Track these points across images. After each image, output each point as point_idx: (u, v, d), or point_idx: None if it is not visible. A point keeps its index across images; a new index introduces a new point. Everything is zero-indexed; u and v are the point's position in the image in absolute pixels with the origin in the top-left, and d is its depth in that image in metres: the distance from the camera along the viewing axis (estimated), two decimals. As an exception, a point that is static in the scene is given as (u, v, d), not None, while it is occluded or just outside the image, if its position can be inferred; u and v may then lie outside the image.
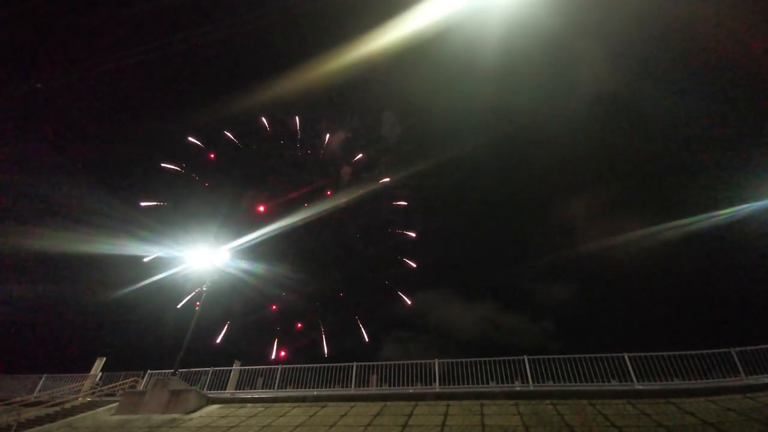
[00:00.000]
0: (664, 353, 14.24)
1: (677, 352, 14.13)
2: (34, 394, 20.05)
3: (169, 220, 45.71)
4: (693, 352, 14.02)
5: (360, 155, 59.29)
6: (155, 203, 47.38)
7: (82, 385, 21.07)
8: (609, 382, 14.19)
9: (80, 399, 19.61)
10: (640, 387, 13.58)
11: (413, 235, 58.22)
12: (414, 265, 57.45)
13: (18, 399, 18.95)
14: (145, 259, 20.29)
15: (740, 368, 13.37)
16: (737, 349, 13.74)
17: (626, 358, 14.36)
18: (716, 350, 13.94)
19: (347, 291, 57.85)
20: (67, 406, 18.42)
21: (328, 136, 57.81)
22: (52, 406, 18.37)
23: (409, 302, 56.76)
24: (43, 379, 21.16)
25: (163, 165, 49.34)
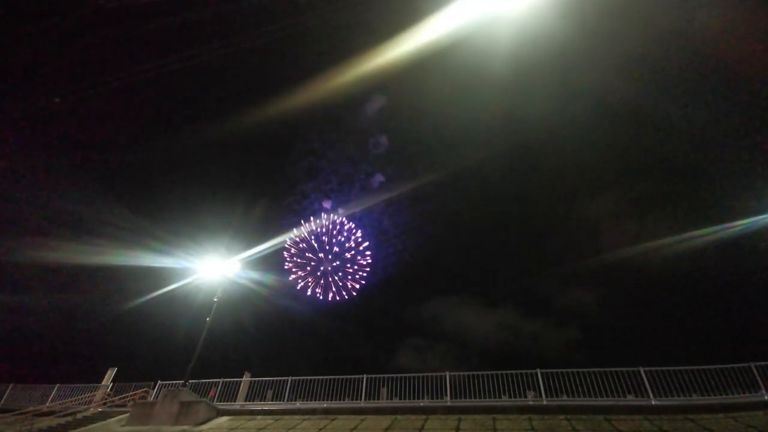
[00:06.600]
0: (681, 368, 13.89)
1: (695, 367, 13.78)
2: (47, 404, 20.18)
3: (181, 230, 46.21)
4: (711, 367, 13.67)
5: (370, 167, 60.20)
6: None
7: (94, 395, 21.17)
8: (625, 396, 13.88)
9: (92, 409, 19.70)
10: (657, 402, 13.25)
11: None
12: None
13: (31, 409, 19.08)
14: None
15: (761, 383, 12.99)
16: (757, 363, 13.36)
17: (642, 372, 14.05)
18: (735, 365, 13.58)
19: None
20: (79, 416, 18.51)
21: (339, 146, 58.83)
22: (65, 416, 18.49)
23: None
24: (55, 389, 21.30)
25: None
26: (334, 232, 61.89)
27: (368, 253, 64.74)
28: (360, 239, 64.58)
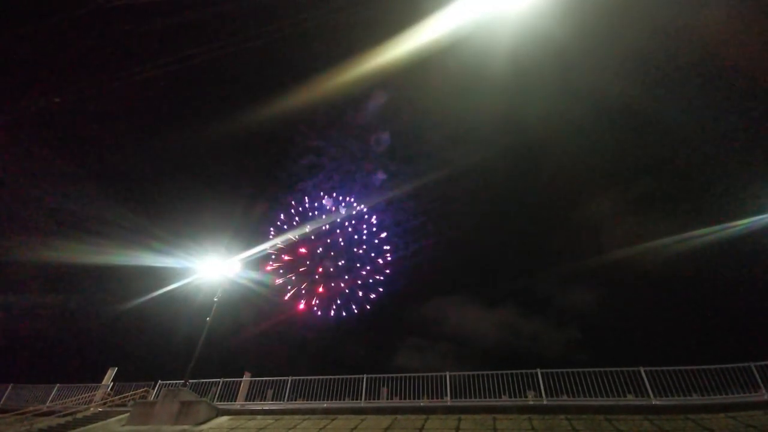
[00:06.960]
0: (681, 368, 13.89)
1: (695, 367, 13.78)
2: (47, 404, 20.18)
3: (181, 230, 46.22)
4: (711, 367, 13.66)
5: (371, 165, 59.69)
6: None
7: (94, 395, 21.18)
8: (625, 396, 13.88)
9: (92, 409, 19.70)
10: (658, 402, 13.26)
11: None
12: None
13: (31, 408, 19.11)
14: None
15: (761, 383, 12.99)
16: (757, 363, 13.36)
17: (642, 372, 14.05)
18: (735, 365, 13.58)
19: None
20: (79, 416, 18.52)
21: (340, 145, 58.45)
22: (65, 416, 18.51)
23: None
24: (55, 388, 21.29)
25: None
26: (339, 220, 53.81)
27: (387, 248, 54.39)
28: (375, 228, 54.30)
